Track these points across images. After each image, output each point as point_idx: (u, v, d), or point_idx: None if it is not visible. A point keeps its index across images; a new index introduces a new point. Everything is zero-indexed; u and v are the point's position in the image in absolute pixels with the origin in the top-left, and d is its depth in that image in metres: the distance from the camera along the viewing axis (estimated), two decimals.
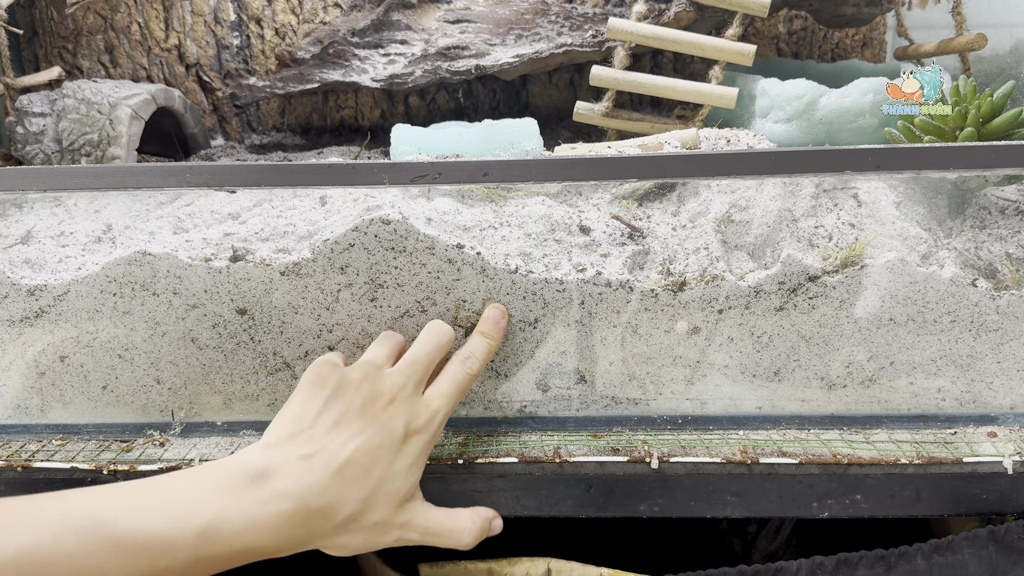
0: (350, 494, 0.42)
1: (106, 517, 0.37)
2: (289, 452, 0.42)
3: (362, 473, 0.42)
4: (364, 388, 0.45)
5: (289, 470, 0.41)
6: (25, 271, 0.54)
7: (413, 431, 0.45)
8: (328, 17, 0.89)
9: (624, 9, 0.82)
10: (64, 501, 0.37)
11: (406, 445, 0.44)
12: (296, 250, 0.53)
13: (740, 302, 0.52)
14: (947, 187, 0.56)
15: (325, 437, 0.43)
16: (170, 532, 0.37)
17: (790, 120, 0.67)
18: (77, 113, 0.69)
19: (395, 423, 0.44)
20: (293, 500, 0.40)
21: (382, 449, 0.43)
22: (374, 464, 0.43)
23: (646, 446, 0.53)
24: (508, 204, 0.55)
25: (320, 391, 0.45)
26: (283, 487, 0.41)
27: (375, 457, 0.43)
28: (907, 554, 0.51)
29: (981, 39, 0.72)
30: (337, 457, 0.42)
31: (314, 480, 0.41)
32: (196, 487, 0.40)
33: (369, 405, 0.44)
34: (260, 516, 0.40)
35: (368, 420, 0.44)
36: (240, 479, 0.40)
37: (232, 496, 0.40)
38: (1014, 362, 0.53)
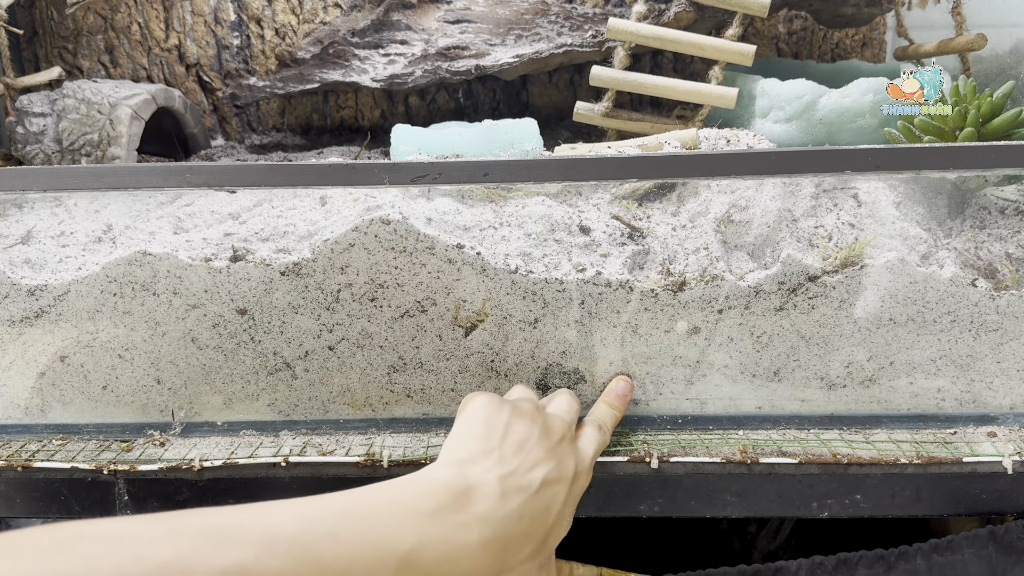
0: (536, 528, 0.39)
1: (309, 540, 0.34)
2: (487, 470, 0.40)
3: (544, 509, 0.40)
4: (539, 419, 0.44)
5: (489, 491, 0.38)
6: (25, 271, 0.54)
7: (579, 474, 0.43)
8: (328, 17, 0.89)
9: (624, 9, 0.82)
10: (265, 517, 0.35)
11: (573, 487, 0.43)
12: (296, 250, 0.53)
13: (740, 302, 0.52)
14: (947, 187, 0.57)
15: (515, 458, 0.41)
16: (372, 560, 0.35)
17: (790, 120, 0.67)
18: (77, 113, 0.69)
19: (568, 460, 0.43)
20: (494, 526, 0.38)
21: (560, 484, 0.41)
22: (553, 500, 0.41)
23: (646, 446, 0.53)
24: (508, 204, 0.55)
25: (500, 412, 0.43)
26: (485, 510, 0.38)
27: (555, 492, 0.41)
28: (907, 554, 0.52)
29: (981, 39, 0.72)
30: (531, 482, 0.40)
31: (514, 505, 0.39)
32: (398, 508, 0.37)
33: (545, 436, 0.43)
34: (461, 543, 0.37)
35: (547, 451, 0.42)
36: (443, 498, 0.37)
37: (435, 519, 0.37)
38: (1014, 362, 0.53)
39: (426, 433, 0.56)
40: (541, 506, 0.40)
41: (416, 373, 0.55)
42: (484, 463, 0.40)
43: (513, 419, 0.43)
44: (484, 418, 0.43)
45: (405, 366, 0.55)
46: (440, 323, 0.53)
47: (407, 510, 0.37)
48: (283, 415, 0.56)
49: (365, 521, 0.36)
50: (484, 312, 0.53)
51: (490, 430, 0.42)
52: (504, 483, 0.39)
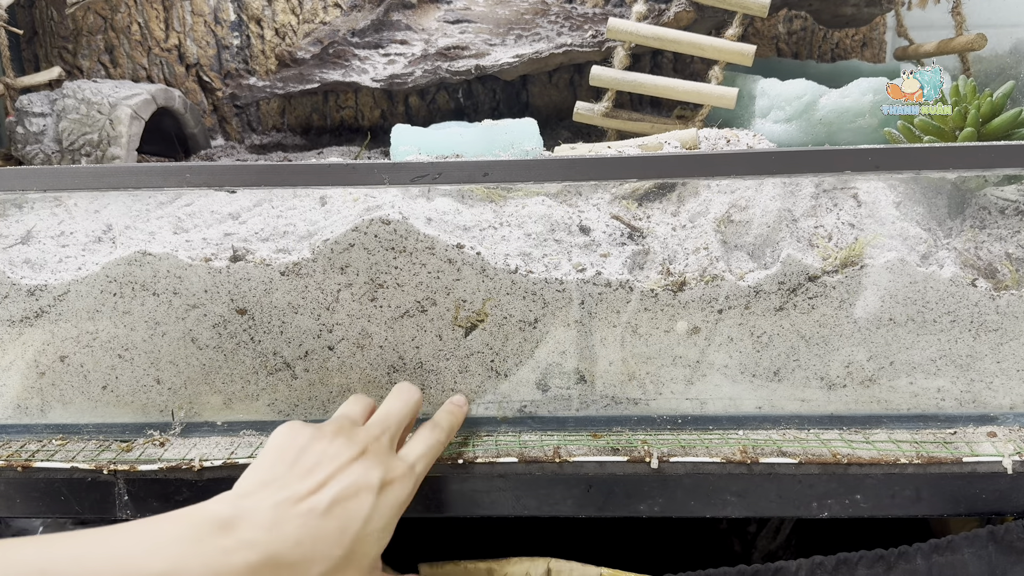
0: (325, 549, 0.39)
1: (53, 567, 0.35)
2: (261, 499, 0.39)
3: (339, 528, 0.40)
4: (339, 440, 0.43)
5: (259, 518, 0.38)
6: (25, 271, 0.54)
7: (388, 483, 0.43)
8: (328, 17, 0.89)
9: (624, 9, 0.82)
10: (7, 551, 0.35)
11: (382, 499, 0.42)
12: (296, 250, 0.53)
13: (740, 302, 0.52)
14: (947, 187, 0.57)
15: (299, 484, 0.40)
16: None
17: (790, 120, 0.67)
18: (77, 113, 0.69)
19: (371, 474, 0.42)
20: (261, 550, 0.37)
21: (359, 501, 0.41)
22: (351, 519, 0.40)
23: (646, 446, 0.53)
24: (508, 204, 0.55)
25: (294, 441, 0.43)
26: (252, 536, 0.38)
27: (352, 510, 0.40)
28: (907, 554, 0.52)
29: (981, 39, 0.72)
30: (314, 506, 0.39)
31: (287, 530, 0.38)
32: (153, 535, 0.37)
33: (344, 454, 0.42)
34: (222, 567, 0.37)
35: (344, 470, 0.41)
36: (204, 527, 0.38)
37: (193, 545, 0.37)
38: (1014, 362, 0.53)
39: None
40: (330, 528, 0.39)
41: (416, 373, 0.55)
42: (259, 494, 0.40)
43: (311, 442, 0.43)
44: (277, 447, 0.43)
45: (405, 366, 0.55)
46: (440, 323, 0.53)
47: (165, 537, 0.37)
48: (283, 415, 0.56)
49: (115, 547, 0.36)
50: (484, 312, 0.53)
51: (279, 459, 0.42)
52: (277, 510, 0.39)
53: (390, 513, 0.42)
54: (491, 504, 0.52)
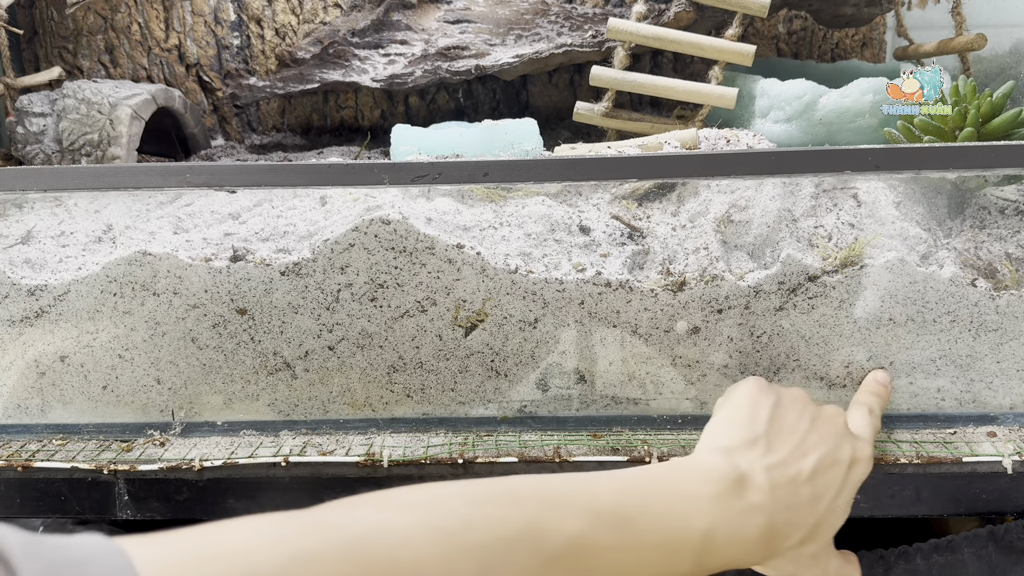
0: (805, 517, 0.39)
1: (630, 512, 0.35)
2: (754, 460, 0.40)
3: (815, 496, 0.40)
4: (809, 405, 0.43)
5: (758, 480, 0.39)
6: (25, 271, 0.54)
7: (856, 461, 0.42)
8: (328, 17, 0.89)
9: (624, 9, 0.82)
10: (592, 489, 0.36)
11: (850, 475, 0.42)
12: (296, 250, 0.53)
13: (740, 302, 0.52)
14: (947, 187, 0.57)
15: (782, 447, 0.40)
16: (679, 535, 0.35)
17: (790, 120, 0.67)
18: (77, 113, 0.69)
19: (844, 446, 0.42)
20: (765, 514, 0.38)
21: (833, 472, 0.41)
22: (826, 488, 0.40)
23: (646, 446, 0.53)
24: (508, 204, 0.55)
25: (767, 398, 0.43)
26: (756, 499, 0.38)
27: (828, 480, 0.40)
28: (907, 554, 0.52)
29: (981, 39, 0.72)
30: (799, 471, 0.40)
31: (780, 494, 0.39)
32: (690, 490, 0.37)
33: (818, 423, 0.42)
34: (743, 529, 0.37)
35: (820, 437, 0.41)
36: (720, 485, 0.38)
37: (721, 504, 0.37)
38: (1013, 362, 0.53)
39: (426, 433, 0.56)
40: (811, 494, 0.39)
41: (416, 373, 0.55)
42: (750, 452, 0.40)
43: (781, 404, 0.42)
44: (749, 403, 0.43)
45: (405, 366, 0.55)
46: (440, 323, 0.53)
47: (697, 493, 0.37)
48: (283, 415, 0.56)
49: (669, 498, 0.37)
50: (484, 312, 0.53)
51: (755, 415, 0.42)
52: (771, 473, 0.39)
53: (852, 488, 0.42)
54: None
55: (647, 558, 0.35)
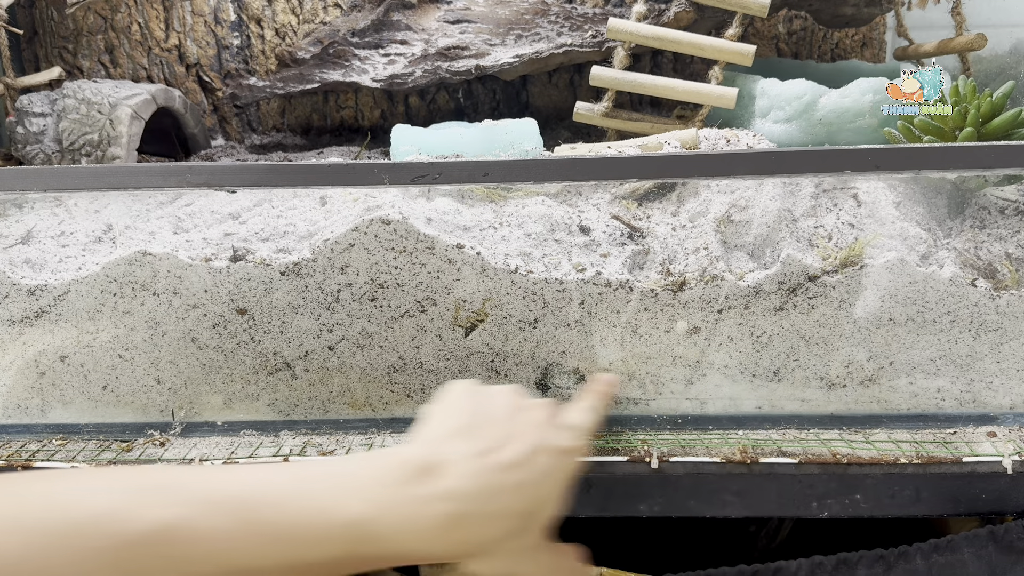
0: (509, 504, 0.37)
1: (255, 499, 0.34)
2: (460, 446, 0.38)
3: (519, 485, 0.38)
4: (517, 396, 0.43)
5: (461, 467, 0.37)
6: (25, 271, 0.54)
7: (568, 450, 0.41)
8: (328, 17, 0.89)
9: (624, 9, 0.82)
10: (214, 478, 0.35)
11: (561, 463, 0.40)
12: (296, 250, 0.53)
13: (740, 302, 0.52)
14: (947, 187, 0.57)
15: (486, 435, 0.39)
16: (322, 524, 0.34)
17: (790, 120, 0.67)
18: (77, 113, 0.69)
19: (550, 435, 0.41)
20: (459, 502, 0.36)
21: (543, 458, 0.39)
22: (532, 476, 0.38)
23: (646, 446, 0.53)
24: (508, 204, 0.55)
25: (472, 394, 0.42)
26: (452, 486, 0.36)
27: (537, 466, 0.39)
28: (907, 554, 0.52)
29: (981, 39, 0.72)
30: (506, 457, 0.38)
31: (488, 481, 0.37)
32: (352, 477, 0.36)
33: (525, 412, 0.42)
34: (420, 517, 0.35)
35: (527, 425, 0.40)
36: (400, 472, 0.36)
37: (390, 490, 0.35)
38: (1014, 362, 0.53)
39: None
40: (515, 481, 0.38)
41: (416, 373, 0.55)
42: (456, 441, 0.39)
43: (488, 398, 0.42)
44: (455, 399, 0.42)
45: (405, 366, 0.55)
46: (440, 323, 0.53)
47: (361, 480, 0.36)
48: (283, 415, 0.56)
49: (319, 484, 0.35)
50: (484, 312, 0.53)
51: (460, 409, 0.41)
52: (470, 462, 0.37)
53: (564, 479, 0.41)
54: None
55: (274, 545, 0.34)
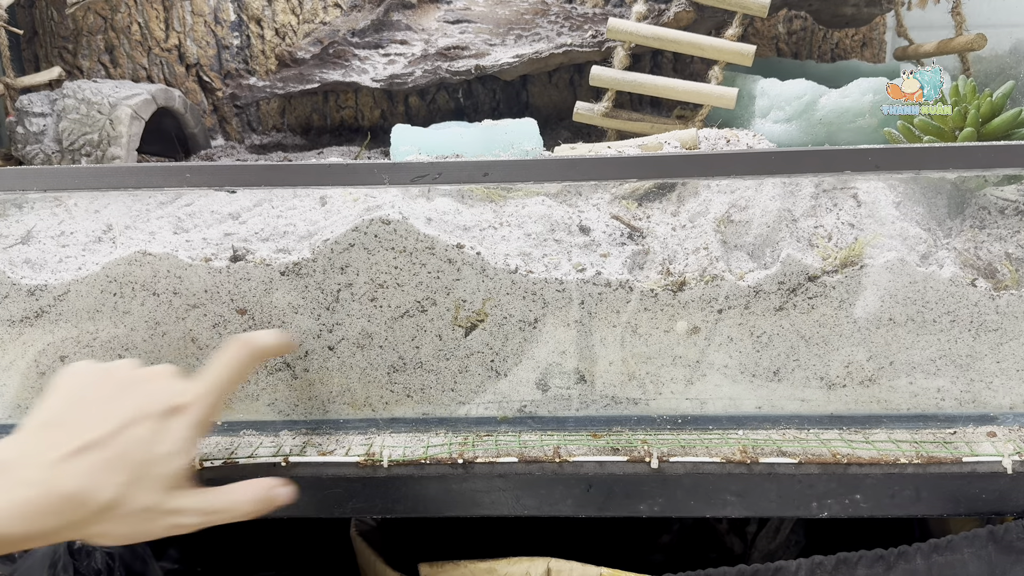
0: (107, 478, 0.40)
1: None
2: (38, 440, 0.41)
3: (119, 455, 0.41)
4: (120, 373, 0.44)
5: (36, 458, 0.40)
6: (25, 271, 0.54)
7: (176, 408, 0.43)
8: (328, 17, 0.89)
9: (624, 9, 0.82)
10: None
11: (168, 424, 0.43)
12: (296, 250, 0.53)
13: (740, 302, 0.52)
14: (947, 187, 0.57)
15: (78, 422, 0.42)
16: None
17: (790, 120, 0.67)
18: (77, 113, 0.69)
19: (153, 400, 0.43)
20: (38, 486, 0.39)
21: (141, 427, 0.42)
22: (134, 445, 0.41)
23: (646, 446, 0.53)
24: (508, 204, 0.55)
25: (73, 381, 0.44)
26: (28, 474, 0.39)
27: (135, 437, 0.41)
28: (906, 554, 0.52)
29: (981, 39, 0.72)
30: (92, 440, 0.41)
31: (63, 465, 0.40)
32: None
33: (127, 387, 0.43)
34: (2, 502, 0.39)
35: (124, 401, 0.43)
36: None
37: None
38: (1014, 362, 0.53)
39: (426, 433, 0.56)
40: (109, 457, 0.41)
41: (416, 373, 0.55)
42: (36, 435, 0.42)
43: (91, 381, 0.44)
44: (53, 393, 0.44)
45: (405, 366, 0.55)
46: (440, 323, 0.53)
47: None
48: (283, 415, 0.56)
49: None
50: (484, 312, 0.53)
51: (54, 404, 0.43)
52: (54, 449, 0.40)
53: (178, 437, 0.43)
54: (491, 504, 0.52)
55: None
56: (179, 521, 0.43)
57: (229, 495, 0.44)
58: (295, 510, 0.52)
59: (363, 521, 0.68)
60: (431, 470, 0.51)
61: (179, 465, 0.43)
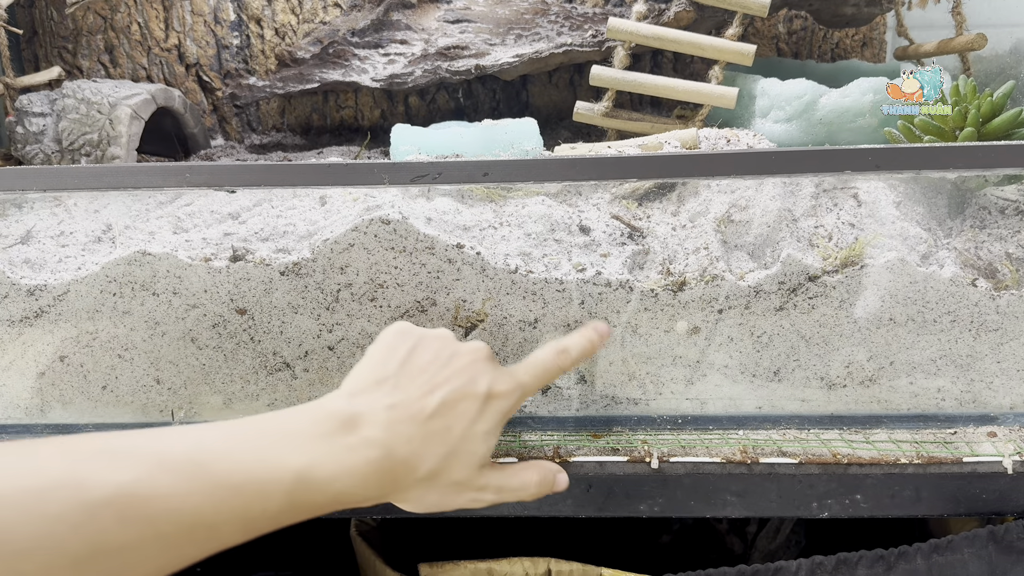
0: (433, 448, 0.41)
1: (203, 458, 0.36)
2: (375, 399, 0.42)
3: (444, 428, 0.42)
4: (448, 344, 0.45)
5: (376, 417, 0.41)
6: (25, 271, 0.54)
7: (495, 395, 0.44)
8: (328, 17, 0.89)
9: (624, 9, 0.82)
10: (161, 440, 0.37)
11: (487, 407, 0.43)
12: (296, 250, 0.53)
13: (740, 302, 0.52)
14: (947, 187, 0.57)
15: (411, 386, 0.42)
16: (266, 476, 0.37)
17: (790, 120, 0.67)
18: (77, 113, 0.69)
19: (479, 381, 0.44)
20: (380, 448, 0.40)
21: (465, 404, 0.43)
22: (457, 419, 0.42)
23: (646, 446, 0.53)
24: (508, 204, 0.55)
25: (404, 341, 0.44)
26: (371, 435, 0.40)
27: (458, 412, 0.42)
28: (907, 554, 0.52)
29: (981, 39, 0.72)
30: (423, 407, 0.42)
31: (400, 429, 0.41)
32: (288, 432, 0.39)
33: (454, 360, 0.44)
34: (350, 463, 0.39)
35: (452, 373, 0.43)
36: (329, 425, 0.40)
37: (323, 442, 0.39)
38: (1014, 362, 0.53)
39: None
40: (437, 428, 0.41)
41: None
42: (373, 393, 0.42)
43: (419, 345, 0.44)
44: (386, 346, 0.44)
45: None
46: (440, 323, 0.53)
47: (297, 434, 0.39)
48: None
49: (258, 442, 0.38)
50: (484, 312, 0.53)
51: (388, 358, 0.44)
52: (391, 412, 0.41)
53: (493, 420, 0.44)
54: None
55: (225, 499, 0.36)
56: (479, 496, 0.44)
57: (521, 475, 0.45)
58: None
59: (363, 521, 0.68)
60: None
61: (490, 446, 0.44)
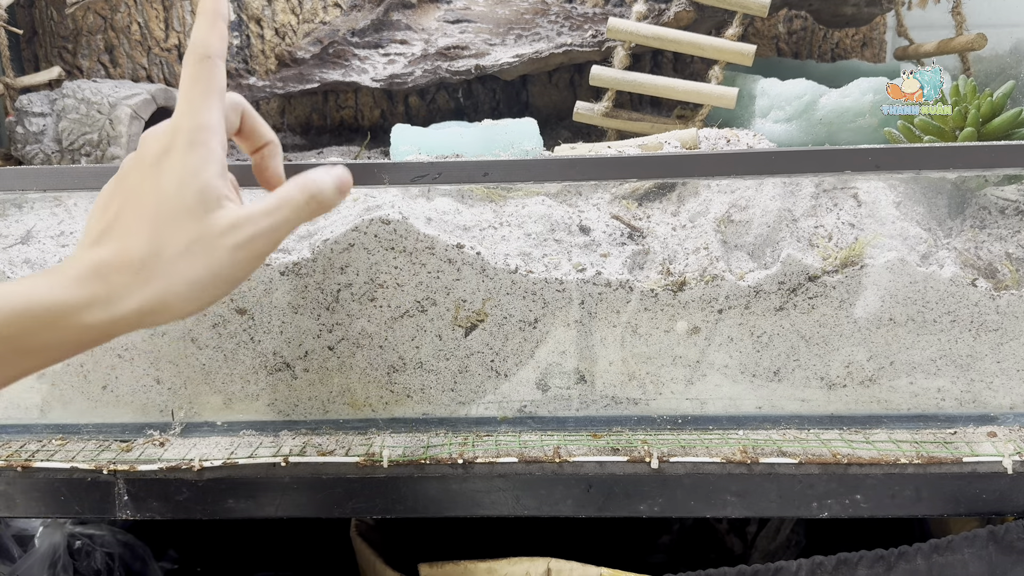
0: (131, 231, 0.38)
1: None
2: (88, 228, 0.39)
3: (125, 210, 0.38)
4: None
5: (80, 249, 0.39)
6: (25, 271, 0.54)
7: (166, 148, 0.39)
8: (328, 17, 0.89)
9: (624, 9, 0.82)
10: None
11: (162, 161, 0.39)
12: (296, 250, 0.53)
13: (740, 302, 0.52)
14: (947, 187, 0.57)
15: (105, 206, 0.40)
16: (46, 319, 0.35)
17: (790, 120, 0.67)
18: (77, 113, 0.69)
19: (142, 151, 0.40)
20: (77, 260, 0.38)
21: (131, 177, 0.39)
22: (132, 194, 0.39)
23: (646, 446, 0.53)
24: (508, 204, 0.55)
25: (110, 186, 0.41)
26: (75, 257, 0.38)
27: (127, 188, 0.39)
28: (907, 554, 0.52)
29: (981, 39, 0.72)
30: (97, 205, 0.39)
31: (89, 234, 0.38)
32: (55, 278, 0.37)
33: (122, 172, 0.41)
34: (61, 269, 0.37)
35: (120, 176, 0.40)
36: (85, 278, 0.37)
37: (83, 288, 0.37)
38: (1014, 362, 0.53)
39: (426, 433, 0.56)
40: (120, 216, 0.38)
41: (416, 373, 0.55)
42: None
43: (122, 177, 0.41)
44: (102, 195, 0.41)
45: (405, 366, 0.55)
46: (440, 323, 0.53)
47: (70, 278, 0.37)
48: (283, 415, 0.56)
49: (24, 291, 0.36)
50: (484, 312, 0.53)
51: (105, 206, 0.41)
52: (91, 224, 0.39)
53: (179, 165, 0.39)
54: (491, 504, 0.52)
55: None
56: (241, 238, 0.39)
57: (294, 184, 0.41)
58: (295, 510, 0.52)
59: (363, 521, 0.68)
60: (431, 470, 0.51)
61: (202, 186, 0.39)
